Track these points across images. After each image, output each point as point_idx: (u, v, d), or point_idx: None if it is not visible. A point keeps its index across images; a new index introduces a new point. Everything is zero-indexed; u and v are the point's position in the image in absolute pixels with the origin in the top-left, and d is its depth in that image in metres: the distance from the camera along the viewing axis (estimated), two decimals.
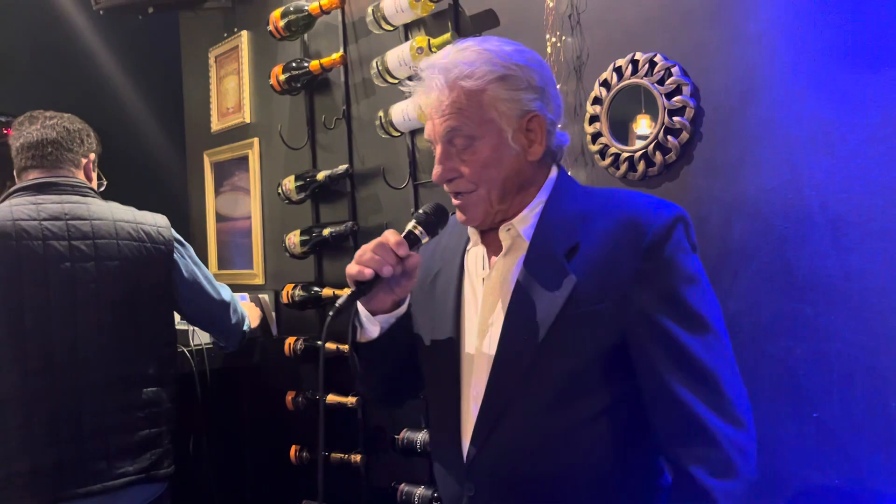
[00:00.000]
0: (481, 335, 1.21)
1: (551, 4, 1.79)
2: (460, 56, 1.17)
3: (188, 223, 3.45)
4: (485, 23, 2.01)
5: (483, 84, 1.15)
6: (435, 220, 1.25)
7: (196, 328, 2.38)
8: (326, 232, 2.47)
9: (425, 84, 1.19)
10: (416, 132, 2.23)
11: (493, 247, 1.25)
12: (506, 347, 1.16)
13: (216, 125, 3.22)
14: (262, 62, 2.93)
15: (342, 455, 2.44)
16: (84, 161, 2.04)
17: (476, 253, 1.28)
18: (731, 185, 1.51)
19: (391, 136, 2.22)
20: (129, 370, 1.91)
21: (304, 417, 2.60)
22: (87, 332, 1.85)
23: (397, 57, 2.10)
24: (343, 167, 2.45)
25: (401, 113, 2.13)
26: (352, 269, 1.17)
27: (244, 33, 3.02)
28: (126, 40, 3.35)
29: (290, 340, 2.59)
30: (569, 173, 1.28)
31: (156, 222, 2.03)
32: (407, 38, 2.20)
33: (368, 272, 1.16)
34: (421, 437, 2.11)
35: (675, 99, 1.57)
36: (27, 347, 1.79)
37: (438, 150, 1.20)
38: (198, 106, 3.38)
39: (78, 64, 3.28)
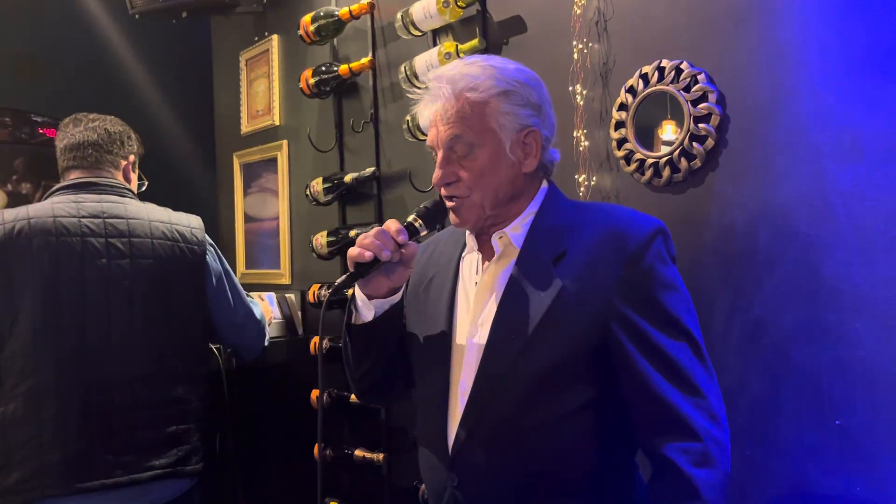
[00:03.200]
0: (472, 334, 1.28)
1: (578, 11, 1.81)
2: (467, 69, 1.27)
3: (217, 224, 3.51)
4: (512, 29, 2.03)
5: (487, 97, 1.24)
6: (434, 215, 1.34)
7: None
8: (353, 234, 2.50)
9: (432, 93, 1.28)
10: None
11: (486, 253, 1.34)
12: (494, 342, 1.24)
13: (246, 127, 3.28)
14: (292, 66, 2.97)
15: (365, 454, 2.47)
16: (124, 163, 2.10)
17: (471, 259, 1.37)
18: (756, 192, 1.51)
19: (418, 140, 2.25)
20: (159, 367, 1.95)
21: (330, 415, 2.63)
22: (120, 328, 1.90)
23: (425, 62, 2.13)
24: (370, 170, 2.48)
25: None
26: (353, 251, 1.27)
27: (275, 37, 3.07)
28: (159, 44, 3.43)
29: (316, 340, 2.62)
30: (575, 181, 1.34)
31: (190, 223, 2.08)
32: (435, 44, 2.22)
33: (368, 255, 1.26)
34: None
35: (701, 106, 1.58)
36: (63, 341, 1.84)
37: (440, 155, 1.28)
38: (228, 108, 3.44)
39: (112, 67, 3.35)
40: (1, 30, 3.16)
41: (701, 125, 1.58)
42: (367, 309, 1.35)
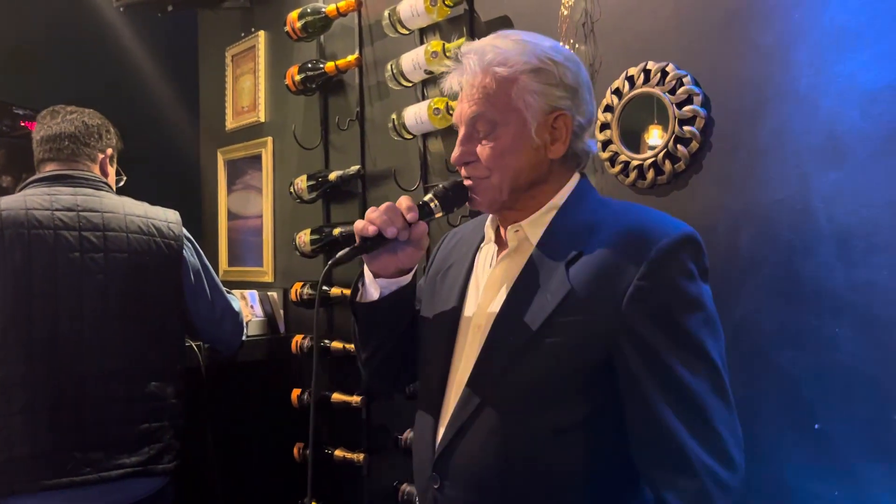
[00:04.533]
0: (474, 330, 1.22)
1: (566, 12, 1.81)
2: (498, 42, 1.19)
3: (201, 220, 3.48)
4: (499, 28, 2.02)
5: (515, 73, 1.16)
6: (452, 197, 1.24)
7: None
8: (336, 232, 2.49)
9: (462, 67, 1.21)
10: (427, 135, 2.25)
11: (503, 246, 1.26)
12: (490, 346, 1.17)
13: (231, 123, 3.26)
14: (278, 62, 2.96)
15: (345, 454, 2.45)
16: (101, 156, 2.07)
17: (487, 250, 1.30)
18: (739, 195, 1.52)
19: (403, 139, 2.24)
20: (133, 362, 1.92)
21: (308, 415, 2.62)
22: (93, 321, 1.87)
23: (412, 60, 2.12)
24: (355, 168, 2.47)
25: (413, 116, 2.15)
26: (358, 223, 1.21)
27: (261, 33, 3.05)
28: (145, 37, 3.39)
29: (298, 338, 2.61)
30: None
31: (167, 218, 2.06)
32: (422, 42, 2.22)
33: (372, 229, 1.18)
34: None
35: (686, 108, 1.58)
36: (34, 334, 1.82)
37: (461, 132, 1.21)
38: (213, 104, 3.42)
39: (97, 59, 3.31)
40: None
41: (686, 128, 1.58)
42: (372, 287, 1.28)
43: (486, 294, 1.23)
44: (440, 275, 1.36)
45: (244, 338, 2.28)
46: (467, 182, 1.22)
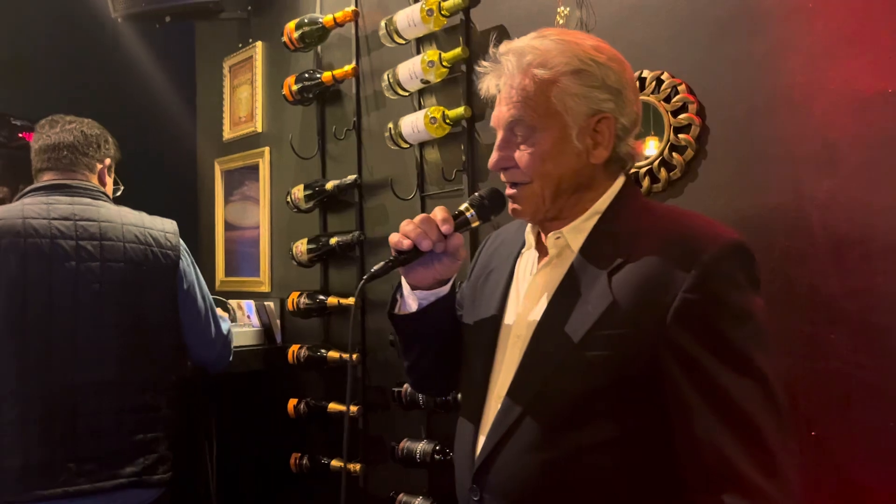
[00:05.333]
0: (514, 341, 1.18)
1: (561, 21, 1.82)
2: (538, 42, 1.14)
3: (198, 231, 3.48)
4: (496, 38, 2.04)
5: (555, 75, 1.10)
6: (489, 206, 1.21)
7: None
8: (333, 241, 2.49)
9: (499, 67, 1.16)
10: (424, 144, 2.26)
11: (544, 253, 1.22)
12: (530, 357, 1.13)
13: (228, 134, 3.26)
14: (276, 72, 2.96)
15: (342, 464, 2.44)
16: (99, 166, 2.07)
17: (529, 257, 1.25)
18: (734, 203, 1.52)
19: (400, 148, 2.24)
20: (127, 372, 1.91)
21: (306, 425, 2.61)
22: (87, 331, 1.86)
23: (408, 70, 2.13)
24: (352, 177, 2.48)
25: (410, 125, 2.15)
26: (393, 236, 1.17)
27: (259, 44, 3.06)
28: (143, 48, 3.40)
29: (294, 348, 2.60)
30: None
31: (164, 227, 2.05)
32: (419, 52, 2.23)
33: (407, 243, 1.15)
34: (421, 447, 2.11)
35: (681, 116, 1.59)
36: (27, 344, 1.81)
37: (499, 136, 1.17)
38: (211, 114, 3.42)
39: (95, 70, 3.32)
40: None
41: (681, 135, 1.59)
42: (410, 299, 1.25)
43: (526, 302, 1.19)
44: (481, 280, 1.32)
45: (230, 359, 2.26)
46: (509, 191, 1.18)
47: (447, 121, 2.08)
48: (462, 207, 1.20)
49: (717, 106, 1.56)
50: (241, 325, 2.84)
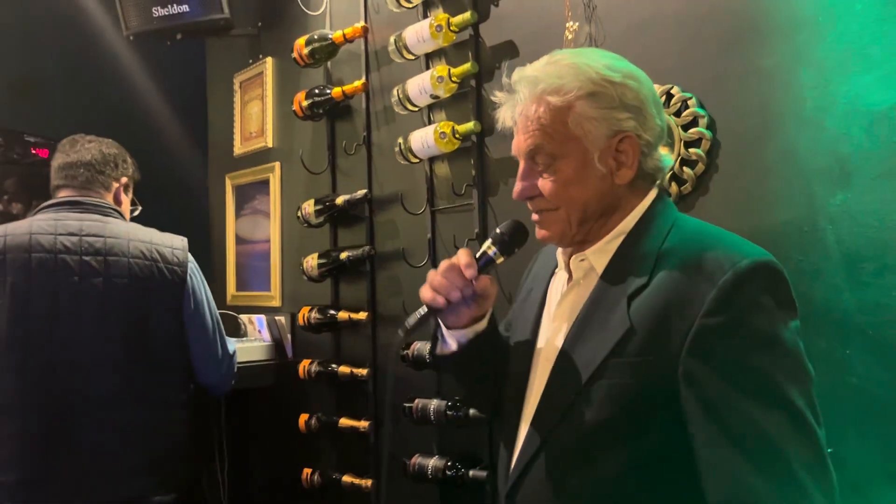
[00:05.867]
0: (544, 363, 1.17)
1: (570, 36, 1.82)
2: (550, 69, 1.12)
3: (209, 245, 3.50)
4: (505, 53, 2.04)
5: (570, 100, 1.08)
6: (510, 241, 1.20)
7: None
8: (344, 256, 2.50)
9: (513, 97, 1.15)
10: (434, 159, 2.26)
11: (572, 274, 1.20)
12: (552, 385, 1.12)
13: (239, 149, 3.28)
14: (286, 88, 2.98)
15: (353, 479, 2.44)
16: (115, 185, 2.09)
17: (560, 278, 1.24)
18: (746, 217, 1.51)
19: (410, 163, 2.25)
20: (132, 389, 1.89)
21: (316, 440, 2.60)
22: (90, 347, 1.86)
23: (418, 85, 2.14)
24: (362, 192, 2.48)
25: (420, 140, 2.16)
26: (425, 293, 1.17)
27: (269, 60, 3.08)
28: (154, 65, 3.43)
29: (305, 363, 2.60)
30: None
31: (172, 244, 2.04)
32: (428, 68, 2.23)
33: (441, 301, 1.15)
34: (432, 463, 2.10)
35: (692, 131, 1.58)
36: (30, 358, 1.81)
37: (521, 166, 1.15)
38: (222, 130, 3.45)
39: (107, 87, 3.35)
40: None
41: (692, 150, 1.58)
42: (450, 339, 1.25)
43: (553, 326, 1.18)
44: (522, 298, 1.33)
45: (233, 382, 2.23)
46: (534, 217, 1.17)
47: (457, 136, 2.08)
48: (485, 246, 1.20)
49: (727, 120, 1.55)
50: (252, 339, 2.84)
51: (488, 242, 1.20)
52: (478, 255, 1.19)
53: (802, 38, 1.44)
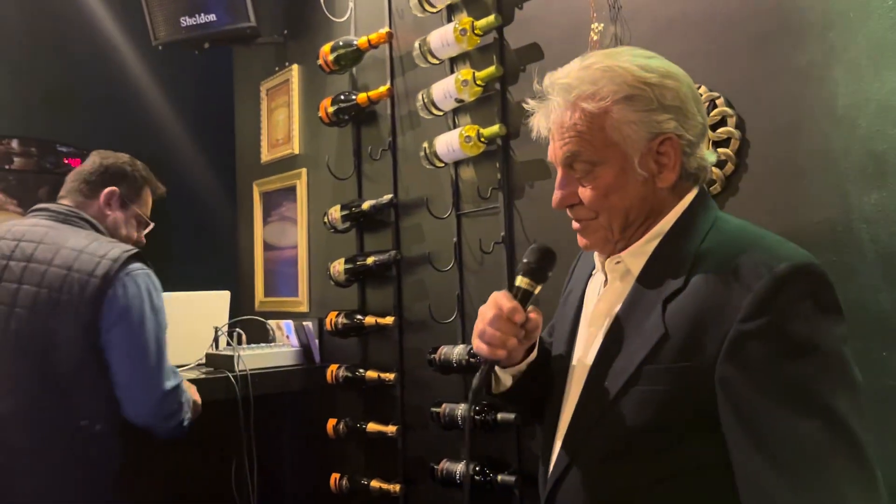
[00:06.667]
0: (580, 369, 1.15)
1: (595, 37, 1.81)
2: (583, 74, 1.08)
3: (237, 252, 3.53)
4: (529, 56, 2.04)
5: (606, 105, 1.05)
6: (541, 267, 1.16)
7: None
8: (370, 260, 2.50)
9: (546, 105, 1.11)
10: (459, 163, 2.26)
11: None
12: (585, 393, 1.10)
13: (266, 156, 3.31)
14: (312, 95, 3.00)
15: (381, 484, 2.43)
16: (103, 192, 1.96)
17: (597, 280, 1.21)
18: (778, 218, 1.48)
19: (435, 167, 2.25)
20: (34, 410, 1.72)
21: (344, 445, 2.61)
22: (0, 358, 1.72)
23: (443, 89, 2.14)
24: (388, 197, 2.49)
25: (445, 144, 2.16)
26: (481, 348, 1.13)
27: (295, 67, 3.10)
28: (182, 74, 3.49)
29: (333, 368, 2.61)
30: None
31: (106, 253, 1.79)
32: (452, 72, 2.23)
33: (501, 353, 1.12)
34: (460, 468, 2.10)
35: (721, 130, 1.56)
36: None
37: (559, 174, 1.12)
38: (249, 137, 3.48)
39: (137, 97, 3.42)
40: (31, 63, 3.24)
41: (720, 150, 1.56)
42: (505, 377, 1.23)
43: (590, 330, 1.16)
44: (563, 298, 1.30)
45: (186, 423, 1.87)
46: (575, 225, 1.14)
47: (482, 139, 2.08)
48: (518, 282, 1.16)
49: (756, 119, 1.53)
50: (281, 345, 2.86)
51: (519, 277, 1.16)
52: (514, 293, 1.15)
53: (834, 35, 1.41)
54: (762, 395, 0.92)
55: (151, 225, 2.10)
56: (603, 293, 1.16)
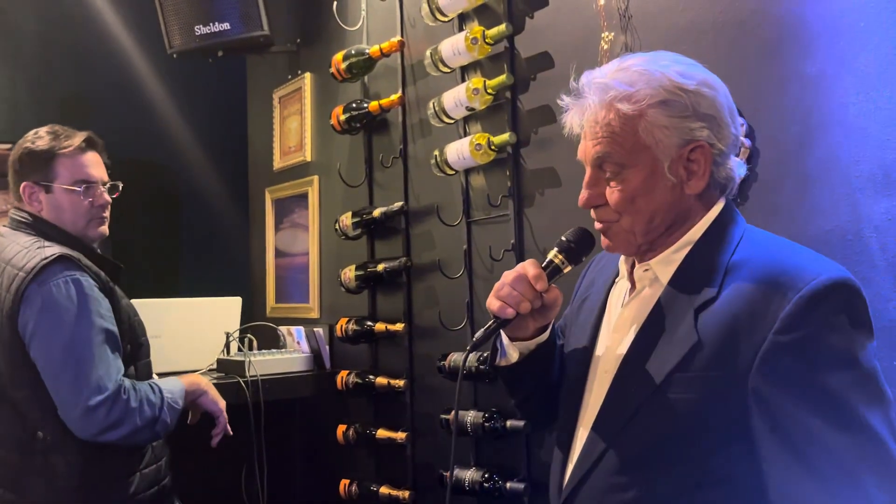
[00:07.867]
0: (602, 373, 1.14)
1: (606, 46, 1.82)
2: (620, 75, 1.08)
3: (249, 259, 3.55)
4: (540, 65, 2.05)
5: (641, 108, 1.05)
6: (578, 249, 1.17)
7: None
8: (381, 267, 2.51)
9: (581, 103, 1.11)
10: (470, 171, 2.27)
11: (635, 284, 1.18)
12: (613, 395, 1.09)
13: (278, 163, 3.33)
14: (324, 103, 3.03)
15: (391, 491, 2.44)
16: (23, 193, 1.85)
17: (621, 287, 1.21)
18: (788, 226, 1.48)
19: (446, 175, 2.26)
20: None
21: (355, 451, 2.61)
22: None
23: (454, 98, 2.15)
24: (398, 204, 2.50)
25: (456, 152, 2.17)
26: (493, 304, 1.14)
27: (307, 75, 3.13)
28: (196, 82, 3.52)
29: (343, 374, 2.62)
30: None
31: (25, 264, 1.72)
32: (463, 80, 2.25)
33: (510, 312, 1.12)
34: (469, 475, 2.10)
35: None
36: None
37: (587, 173, 1.12)
38: (261, 144, 3.51)
39: (151, 104, 3.45)
40: (46, 71, 3.28)
41: None
42: (511, 349, 1.23)
43: (614, 336, 1.16)
44: (580, 304, 1.29)
45: (146, 431, 1.73)
46: (598, 226, 1.14)
47: (492, 147, 2.09)
48: (551, 255, 1.16)
49: (767, 128, 1.53)
50: (292, 351, 2.87)
51: (554, 251, 1.17)
52: (544, 265, 1.16)
53: (845, 44, 1.41)
54: (798, 406, 0.92)
55: (99, 184, 1.88)
56: (629, 300, 1.16)
